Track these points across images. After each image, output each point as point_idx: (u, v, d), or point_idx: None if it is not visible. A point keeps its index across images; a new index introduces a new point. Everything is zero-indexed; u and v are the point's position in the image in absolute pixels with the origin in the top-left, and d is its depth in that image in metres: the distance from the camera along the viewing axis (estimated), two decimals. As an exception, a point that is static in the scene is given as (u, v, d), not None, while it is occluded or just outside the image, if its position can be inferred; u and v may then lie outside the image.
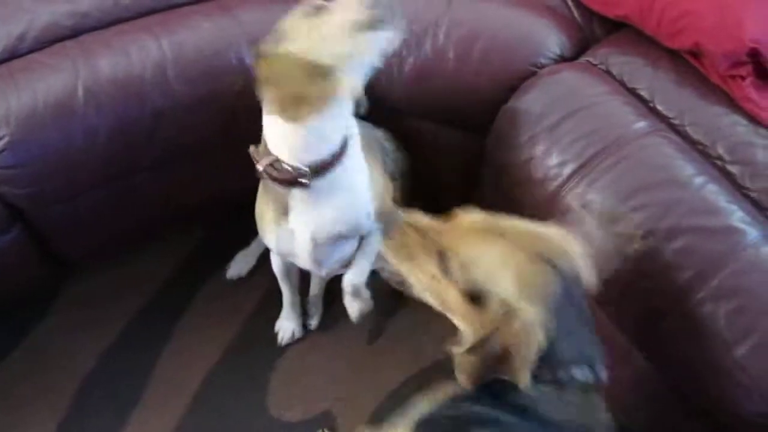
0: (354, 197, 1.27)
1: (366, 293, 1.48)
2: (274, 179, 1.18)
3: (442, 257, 0.97)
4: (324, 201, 1.23)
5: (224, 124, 1.54)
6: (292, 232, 1.29)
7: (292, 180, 1.17)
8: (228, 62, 1.50)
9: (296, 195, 1.22)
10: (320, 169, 1.17)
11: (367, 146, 1.31)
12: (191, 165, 1.62)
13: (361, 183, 1.28)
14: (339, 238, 1.33)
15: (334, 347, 1.74)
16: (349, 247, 1.43)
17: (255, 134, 1.20)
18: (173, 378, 1.66)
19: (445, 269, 0.97)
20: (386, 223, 1.33)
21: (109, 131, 1.43)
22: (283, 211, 1.26)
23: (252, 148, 1.20)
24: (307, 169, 1.15)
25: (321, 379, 1.68)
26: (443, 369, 1.66)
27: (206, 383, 1.65)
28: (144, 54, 1.45)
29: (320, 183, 1.18)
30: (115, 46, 1.46)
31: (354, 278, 1.43)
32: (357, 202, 1.29)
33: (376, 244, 1.40)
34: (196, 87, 1.48)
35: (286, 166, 1.15)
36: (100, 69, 1.42)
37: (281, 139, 1.15)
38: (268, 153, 1.17)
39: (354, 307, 1.46)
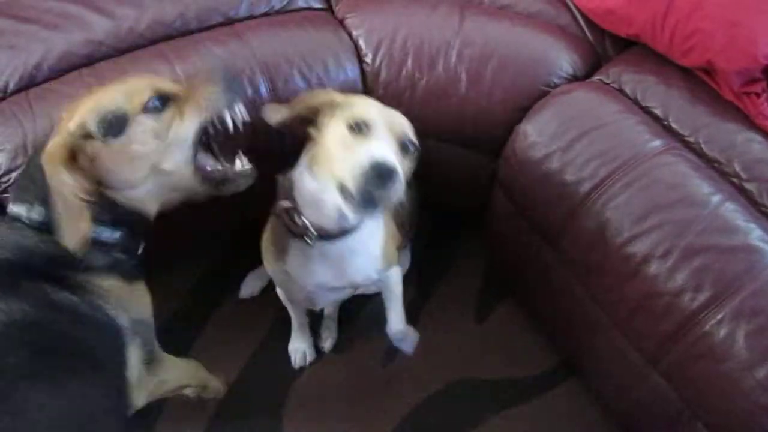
0: (362, 260, 1.28)
1: (410, 330, 1.52)
2: (284, 222, 1.20)
3: None
4: (325, 259, 1.24)
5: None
6: (287, 273, 1.30)
7: (297, 233, 1.19)
8: (242, 88, 1.51)
9: (297, 245, 1.23)
10: (328, 236, 1.18)
11: None
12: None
13: (373, 247, 1.28)
14: (336, 289, 1.35)
15: (350, 368, 1.73)
16: (347, 292, 1.45)
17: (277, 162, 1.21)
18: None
19: None
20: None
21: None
22: (283, 251, 1.27)
23: (280, 180, 1.22)
24: (314, 232, 1.17)
25: (337, 401, 1.67)
26: (459, 391, 1.69)
27: (223, 403, 1.64)
28: (159, 81, 1.47)
29: (325, 246, 1.20)
30: (130, 73, 1.47)
31: (394, 326, 1.47)
32: (363, 265, 1.29)
33: (396, 285, 1.43)
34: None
35: (297, 219, 1.17)
36: (115, 96, 1.44)
37: (301, 191, 1.17)
38: (291, 196, 1.18)
39: (406, 345, 1.52)
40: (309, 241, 1.18)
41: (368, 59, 1.60)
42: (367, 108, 1.13)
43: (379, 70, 1.59)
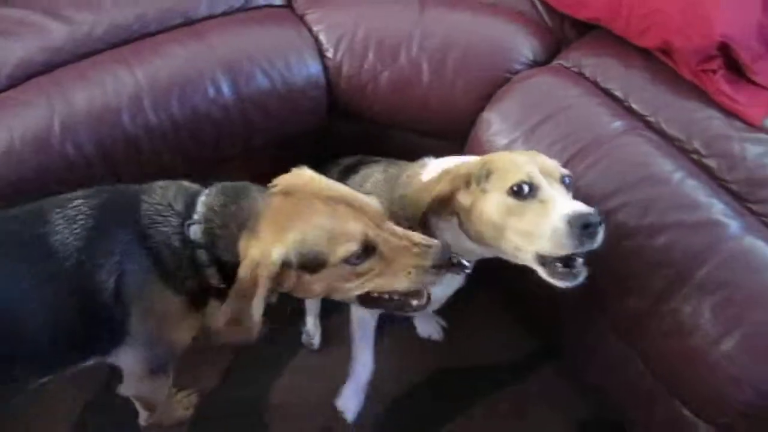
0: None
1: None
2: None
3: None
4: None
5: (201, 151, 1.54)
6: None
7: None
8: (204, 89, 1.51)
9: None
10: None
11: None
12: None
13: None
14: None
15: (327, 364, 1.72)
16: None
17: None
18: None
19: None
20: None
21: (87, 164, 1.43)
22: None
23: None
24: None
25: (315, 398, 1.66)
26: (439, 381, 1.68)
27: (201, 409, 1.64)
28: (119, 85, 1.45)
29: None
30: (90, 79, 1.46)
31: None
32: None
33: None
34: (172, 115, 1.48)
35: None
36: (75, 102, 1.42)
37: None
38: None
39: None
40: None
41: (330, 54, 1.60)
42: (522, 168, 1.08)
43: (341, 64, 1.59)
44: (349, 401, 1.52)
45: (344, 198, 1.06)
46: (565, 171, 1.13)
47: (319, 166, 1.43)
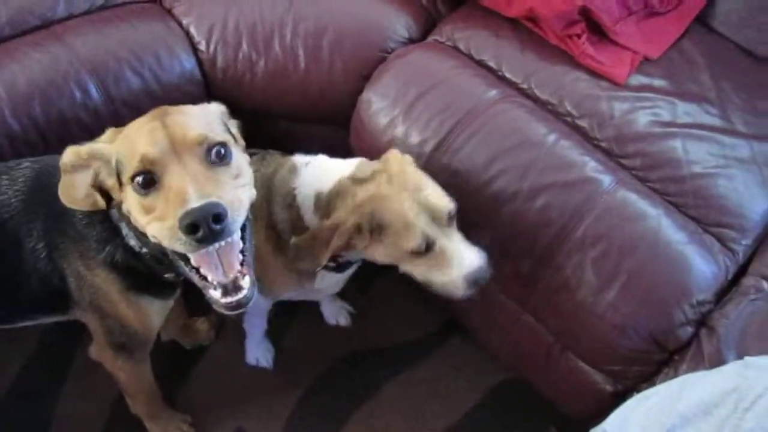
0: None
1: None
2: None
3: None
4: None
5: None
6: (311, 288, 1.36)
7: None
8: (69, 93, 1.43)
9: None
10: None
11: None
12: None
13: None
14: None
15: (239, 359, 1.70)
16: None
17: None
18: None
19: None
20: None
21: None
22: (312, 275, 1.32)
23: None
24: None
25: (233, 393, 1.64)
26: (352, 364, 1.68)
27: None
28: (-25, 95, 1.36)
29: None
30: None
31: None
32: None
33: None
34: (36, 121, 1.39)
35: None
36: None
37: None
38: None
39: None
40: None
41: (202, 47, 1.55)
42: (415, 229, 1.10)
43: (215, 56, 1.54)
44: (253, 353, 1.67)
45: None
46: (451, 206, 1.15)
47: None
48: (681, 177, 1.33)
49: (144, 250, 1.06)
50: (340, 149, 1.62)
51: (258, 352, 1.67)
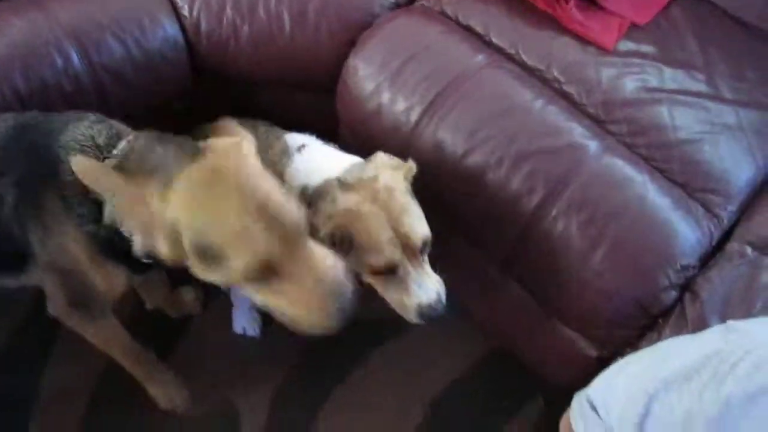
0: None
1: None
2: None
3: None
4: None
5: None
6: None
7: None
8: (50, 60, 1.40)
9: None
10: None
11: None
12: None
13: None
14: None
15: (223, 339, 1.69)
16: None
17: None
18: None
19: None
20: None
21: None
22: None
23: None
24: None
25: (216, 374, 1.63)
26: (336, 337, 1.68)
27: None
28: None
29: None
30: None
31: None
32: None
33: None
34: (16, 89, 1.37)
35: None
36: None
37: None
38: None
39: None
40: None
41: (185, 12, 1.52)
42: (384, 253, 1.10)
43: (199, 22, 1.51)
44: (240, 322, 1.67)
45: (265, 202, 0.93)
46: (427, 235, 1.14)
47: (191, 132, 1.39)
48: (667, 143, 1.33)
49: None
50: (326, 116, 1.63)
51: (245, 321, 1.67)
